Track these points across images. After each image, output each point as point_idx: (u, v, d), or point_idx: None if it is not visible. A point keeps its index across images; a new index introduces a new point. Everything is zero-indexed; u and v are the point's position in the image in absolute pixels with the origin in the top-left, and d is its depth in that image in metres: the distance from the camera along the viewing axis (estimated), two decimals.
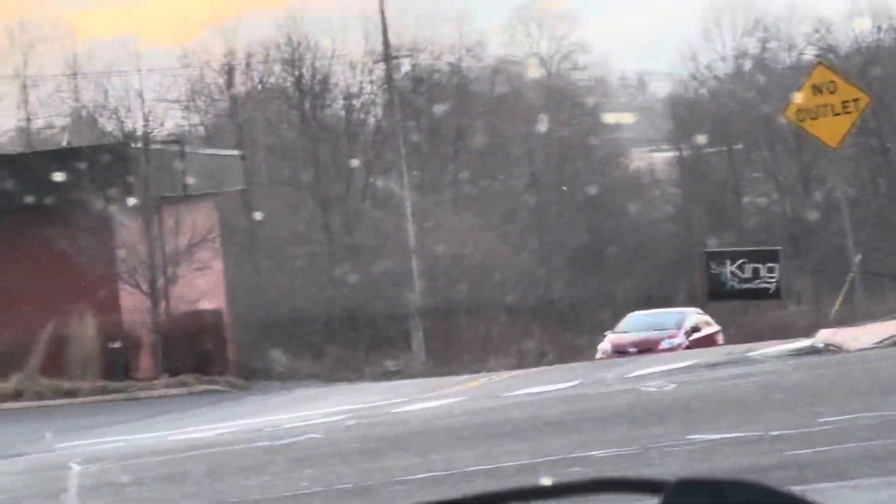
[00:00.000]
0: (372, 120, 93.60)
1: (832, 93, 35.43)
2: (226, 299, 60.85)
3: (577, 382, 32.54)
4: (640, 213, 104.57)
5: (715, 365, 31.62)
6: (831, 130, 35.85)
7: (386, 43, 78.82)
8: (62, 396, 46.36)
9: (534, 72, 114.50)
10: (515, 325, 77.90)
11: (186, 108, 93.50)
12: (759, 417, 21.60)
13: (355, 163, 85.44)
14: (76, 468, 25.77)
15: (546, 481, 3.87)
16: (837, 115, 35.49)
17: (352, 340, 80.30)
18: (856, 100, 35.93)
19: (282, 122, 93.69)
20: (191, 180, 54.85)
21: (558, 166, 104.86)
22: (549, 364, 63.49)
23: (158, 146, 54.08)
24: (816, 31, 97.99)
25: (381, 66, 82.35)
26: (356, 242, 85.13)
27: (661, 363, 35.39)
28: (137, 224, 49.06)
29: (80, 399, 46.17)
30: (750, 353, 33.73)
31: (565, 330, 77.47)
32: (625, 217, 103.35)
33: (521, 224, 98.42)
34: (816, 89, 35.68)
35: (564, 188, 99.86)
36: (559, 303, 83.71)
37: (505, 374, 46.06)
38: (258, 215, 76.86)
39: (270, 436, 28.03)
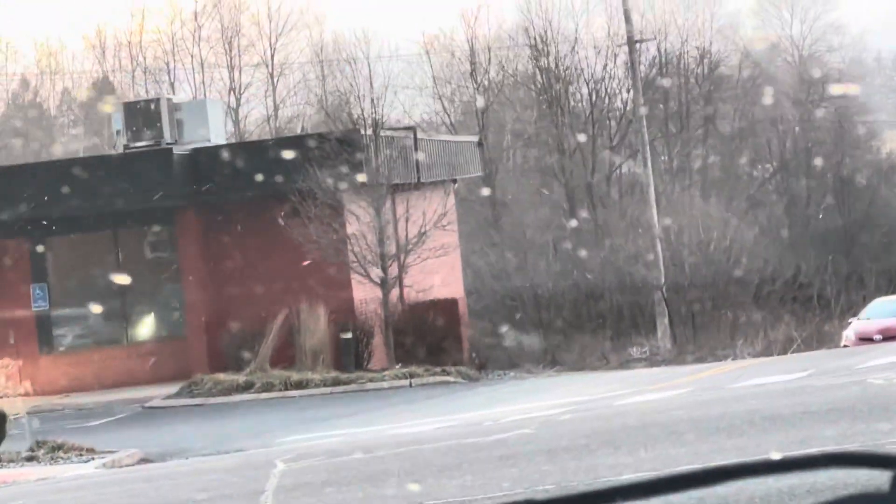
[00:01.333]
0: (619, 104, 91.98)
1: None
2: (464, 288, 59.73)
3: (807, 373, 30.97)
4: (893, 196, 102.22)
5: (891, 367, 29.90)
6: None
7: (629, 25, 77.07)
8: (292, 388, 45.43)
9: (786, 54, 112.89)
10: (763, 312, 76.23)
11: (435, 96, 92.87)
12: None
13: (602, 149, 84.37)
14: (281, 466, 24.70)
15: (775, 456, 3.83)
16: None
17: (598, 327, 79.11)
18: None
19: (527, 109, 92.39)
20: (425, 167, 53.85)
21: (808, 150, 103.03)
22: (797, 351, 61.98)
23: (391, 133, 53.02)
24: None
25: (626, 49, 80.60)
26: (601, 228, 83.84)
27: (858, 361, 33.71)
28: (368, 212, 48.06)
29: (309, 391, 45.22)
30: None
31: (815, 316, 75.34)
32: (878, 200, 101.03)
33: (770, 208, 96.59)
34: None
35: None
36: (808, 288, 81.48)
37: (745, 363, 44.34)
38: (496, 199, 75.80)
39: (484, 430, 26.79)
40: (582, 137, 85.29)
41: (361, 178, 47.49)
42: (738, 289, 77.04)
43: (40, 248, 50.55)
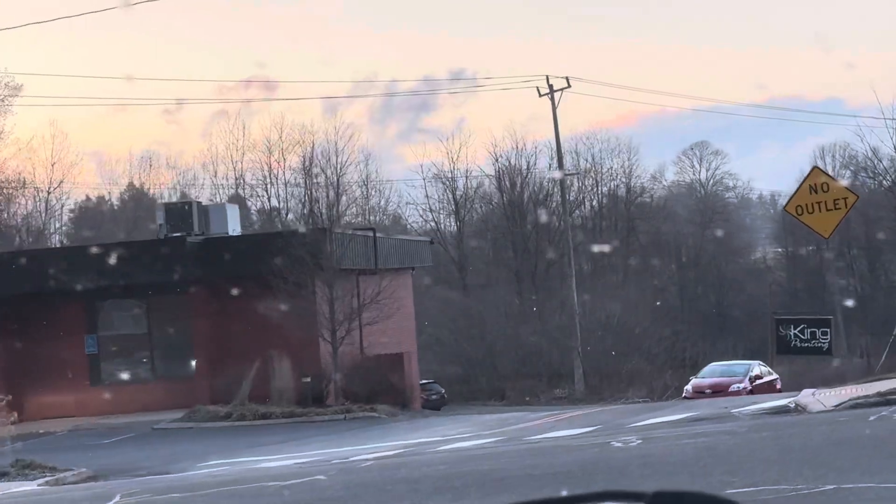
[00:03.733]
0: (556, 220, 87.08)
1: (825, 192, 28.34)
2: (416, 346, 54.49)
3: (591, 429, 25.55)
4: (757, 290, 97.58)
5: (698, 420, 24.42)
6: (824, 223, 28.64)
7: (560, 162, 72.47)
8: (259, 419, 40.35)
9: (695, 192, 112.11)
10: (651, 367, 71.72)
11: (427, 208, 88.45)
12: (680, 480, 14.74)
13: (544, 248, 79.47)
14: (117, 499, 19.55)
15: (534, 496, 3.05)
16: (829, 210, 28.31)
17: (534, 374, 74.63)
18: (845, 198, 28.82)
19: (491, 217, 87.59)
20: (383, 258, 48.84)
21: (698, 256, 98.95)
22: (672, 396, 57.09)
23: (354, 232, 48.30)
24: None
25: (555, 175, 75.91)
26: (539, 304, 78.78)
27: (671, 413, 28.20)
28: (327, 290, 42.97)
29: (271, 421, 40.12)
30: (735, 409, 26.26)
31: (686, 371, 70.43)
32: (746, 292, 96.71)
33: (667, 294, 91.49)
34: (812, 189, 28.64)
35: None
36: (684, 351, 76.86)
37: (577, 412, 38.41)
38: (466, 282, 70.90)
39: (307, 471, 21.53)
40: (527, 238, 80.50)
41: (323, 266, 42.50)
42: (635, 350, 72.84)
43: (93, 308, 45.84)
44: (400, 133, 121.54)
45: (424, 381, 67.80)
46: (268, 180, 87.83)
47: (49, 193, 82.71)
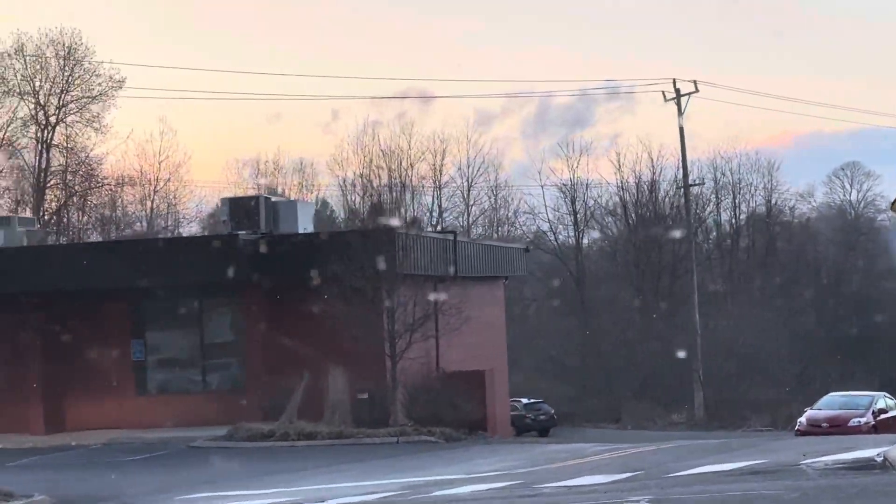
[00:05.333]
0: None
1: None
2: (506, 363, 49.09)
3: (624, 476, 20.07)
4: None
5: (753, 473, 18.72)
6: None
7: (685, 172, 66.82)
8: (303, 438, 35.50)
9: (845, 213, 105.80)
10: (776, 394, 65.61)
11: (545, 220, 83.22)
12: None
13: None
14: None
15: None
16: None
17: (651, 397, 69.11)
18: None
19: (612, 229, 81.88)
20: (466, 265, 43.67)
21: (839, 279, 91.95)
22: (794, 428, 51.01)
23: (432, 235, 43.32)
24: None
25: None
26: (661, 323, 72.91)
27: (734, 459, 22.46)
28: (390, 297, 37.90)
29: (315, 442, 35.25)
30: (811, 459, 20.34)
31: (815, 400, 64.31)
32: (887, 319, 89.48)
33: (802, 319, 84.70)
34: None
35: None
36: (816, 381, 70.34)
37: (669, 444, 32.66)
38: (583, 296, 65.52)
39: None
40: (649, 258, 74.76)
41: (390, 269, 37.51)
42: (758, 374, 66.99)
43: (140, 310, 41.44)
44: (520, 141, 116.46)
45: (533, 401, 62.68)
46: (396, 187, 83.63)
47: (155, 192, 79.19)
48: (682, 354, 63.53)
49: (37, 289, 39.84)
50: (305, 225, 43.70)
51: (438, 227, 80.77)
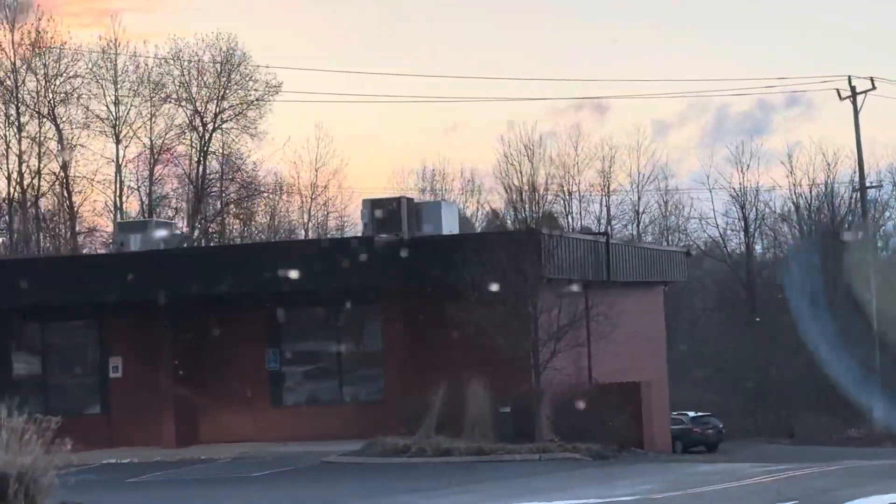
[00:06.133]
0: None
1: None
2: (665, 374, 45.96)
3: None
4: None
5: None
6: None
7: (861, 175, 62.92)
8: (440, 455, 32.99)
9: None
10: None
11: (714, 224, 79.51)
12: None
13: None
14: None
15: None
16: None
17: (825, 410, 65.05)
18: None
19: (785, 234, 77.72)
20: (622, 269, 40.76)
21: None
22: None
23: (582, 237, 40.44)
24: None
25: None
26: (835, 334, 68.67)
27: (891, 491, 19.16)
28: (535, 303, 35.17)
29: (451, 458, 32.67)
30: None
31: None
32: None
33: None
34: None
35: None
36: None
37: (847, 463, 29.23)
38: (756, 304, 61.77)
39: None
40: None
41: (535, 273, 34.84)
42: None
43: (274, 318, 39.39)
44: (690, 146, 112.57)
45: (700, 415, 59.56)
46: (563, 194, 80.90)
47: (312, 199, 77.66)
48: (857, 366, 59.61)
49: (169, 295, 38.05)
50: (450, 227, 41.32)
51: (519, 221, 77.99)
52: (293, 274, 36.19)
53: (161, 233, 42.98)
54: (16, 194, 69.69)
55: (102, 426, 39.48)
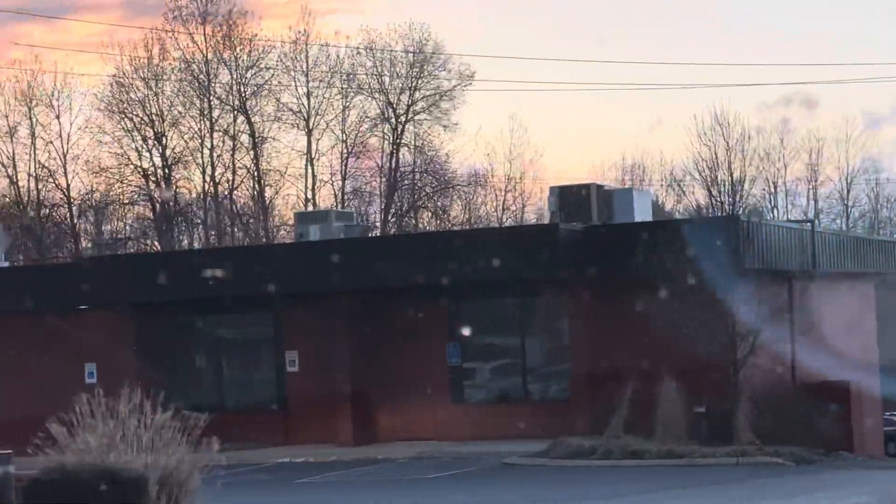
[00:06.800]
0: None
1: None
2: (877, 373, 42.50)
3: None
4: None
5: None
6: None
7: None
8: (628, 457, 30.47)
9: None
10: None
11: None
12: None
13: None
14: None
15: None
16: None
17: None
18: None
19: None
20: (822, 259, 37.62)
21: None
22: None
23: (784, 224, 37.48)
24: None
25: None
26: None
27: None
28: (731, 294, 32.32)
29: (641, 461, 30.15)
30: None
31: None
32: None
33: None
34: None
35: None
36: None
37: None
38: None
39: None
40: None
41: (733, 262, 32.09)
42: None
43: (456, 310, 37.33)
44: None
45: None
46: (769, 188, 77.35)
47: (506, 191, 75.49)
48: None
49: (347, 287, 36.33)
50: (643, 216, 38.77)
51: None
52: (475, 264, 34.10)
53: (341, 223, 41.34)
54: (209, 188, 69.31)
55: (278, 423, 37.98)
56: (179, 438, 22.10)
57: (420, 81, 71.53)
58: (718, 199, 74.73)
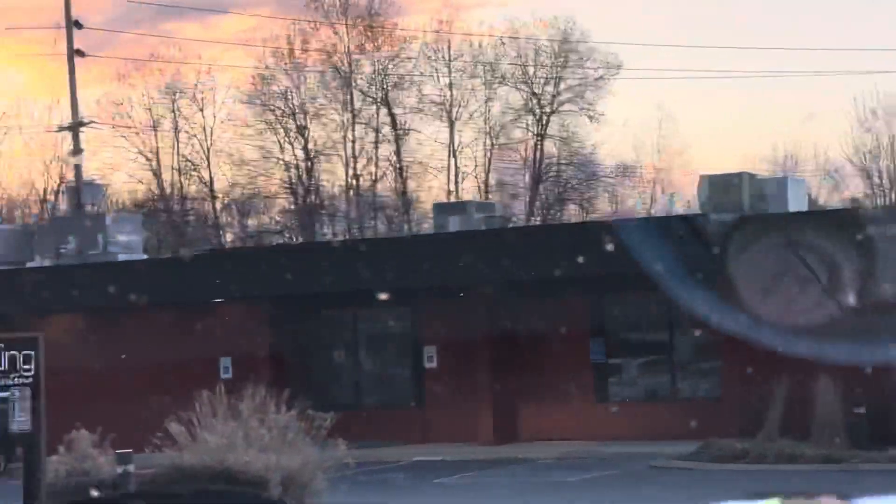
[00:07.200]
0: None
1: None
2: None
3: None
4: None
5: None
6: None
7: None
8: (783, 461, 28.67)
9: None
10: None
11: None
12: None
13: None
14: None
15: None
16: None
17: None
18: None
19: None
20: None
21: None
22: None
23: None
24: None
25: None
26: None
27: None
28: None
29: (797, 466, 28.34)
30: None
31: None
32: None
33: None
34: None
35: None
36: None
37: None
38: None
39: None
40: None
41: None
42: None
43: (599, 304, 35.79)
44: None
45: None
46: None
47: (654, 183, 73.58)
48: None
49: (485, 279, 35.05)
50: (798, 205, 36.85)
51: None
52: (618, 255, 32.53)
53: (481, 215, 40.12)
54: (352, 181, 68.72)
55: (415, 420, 36.83)
56: (304, 438, 21.07)
57: (565, 71, 70.11)
58: (880, 187, 71.87)
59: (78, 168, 51.31)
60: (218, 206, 70.18)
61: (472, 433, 35.66)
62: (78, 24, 50.73)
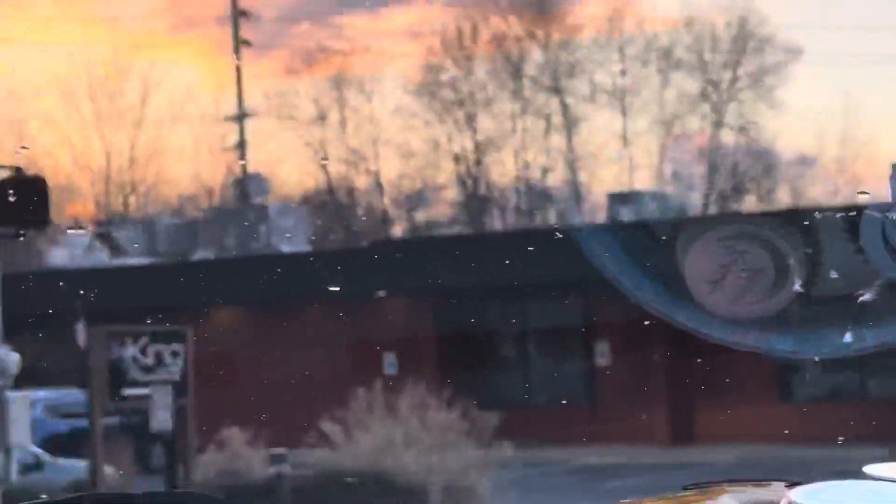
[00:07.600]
0: None
1: None
2: None
3: None
4: None
5: None
6: None
7: None
8: None
9: None
10: None
11: None
12: None
13: None
14: None
15: None
16: None
17: None
18: None
19: None
20: None
21: None
22: None
23: None
24: None
25: None
26: None
27: None
28: None
29: None
30: None
31: None
32: None
33: None
34: None
35: None
36: None
37: None
38: None
39: None
40: None
41: None
42: None
43: None
44: None
45: None
46: None
47: (839, 175, 70.73)
48: None
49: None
50: None
51: None
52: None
53: (654, 205, 38.51)
54: (521, 171, 67.42)
55: (586, 419, 35.38)
56: (466, 439, 19.85)
57: (743, 57, 67.84)
58: None
59: (243, 160, 50.95)
60: (385, 198, 69.51)
61: (646, 434, 34.12)
62: (243, 13, 50.38)
